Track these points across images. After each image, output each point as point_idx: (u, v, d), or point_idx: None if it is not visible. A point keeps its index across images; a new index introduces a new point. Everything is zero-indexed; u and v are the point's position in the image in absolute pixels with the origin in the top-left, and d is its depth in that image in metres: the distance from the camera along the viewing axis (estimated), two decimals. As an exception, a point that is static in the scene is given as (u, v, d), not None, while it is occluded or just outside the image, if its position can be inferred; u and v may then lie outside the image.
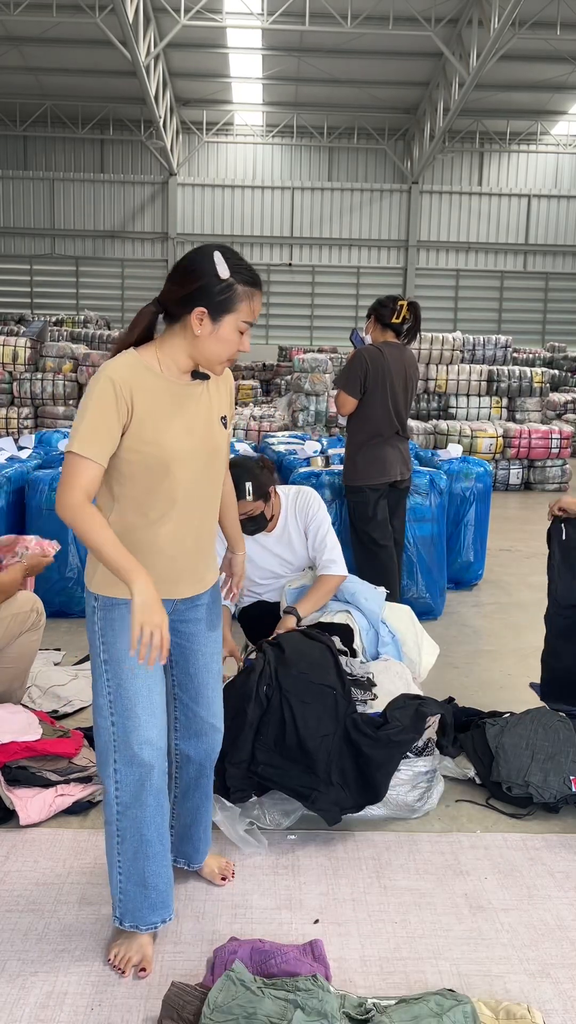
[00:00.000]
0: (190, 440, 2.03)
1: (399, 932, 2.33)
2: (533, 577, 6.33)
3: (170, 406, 2.01)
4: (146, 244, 24.94)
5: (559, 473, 11.15)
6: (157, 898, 2.18)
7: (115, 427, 1.93)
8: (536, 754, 3.01)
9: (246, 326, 2.00)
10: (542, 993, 2.12)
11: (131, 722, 2.07)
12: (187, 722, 2.33)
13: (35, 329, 13.90)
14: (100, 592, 2.08)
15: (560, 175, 25.01)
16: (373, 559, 4.42)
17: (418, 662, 3.54)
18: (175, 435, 2.00)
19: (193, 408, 2.06)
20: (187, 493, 2.06)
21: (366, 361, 4.35)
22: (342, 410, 4.49)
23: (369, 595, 3.54)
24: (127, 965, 2.14)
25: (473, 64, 16.13)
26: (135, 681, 2.07)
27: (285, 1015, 1.86)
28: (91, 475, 1.91)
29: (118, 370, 1.95)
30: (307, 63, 19.41)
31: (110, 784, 2.12)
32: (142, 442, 1.97)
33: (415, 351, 12.13)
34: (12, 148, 24.41)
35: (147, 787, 2.10)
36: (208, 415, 2.09)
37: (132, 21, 14.97)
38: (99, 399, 1.92)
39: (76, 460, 1.90)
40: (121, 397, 1.93)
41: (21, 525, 5.17)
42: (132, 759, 2.09)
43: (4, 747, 2.89)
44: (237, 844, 2.66)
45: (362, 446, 4.45)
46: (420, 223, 24.90)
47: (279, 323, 25.09)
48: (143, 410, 1.96)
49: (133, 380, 1.95)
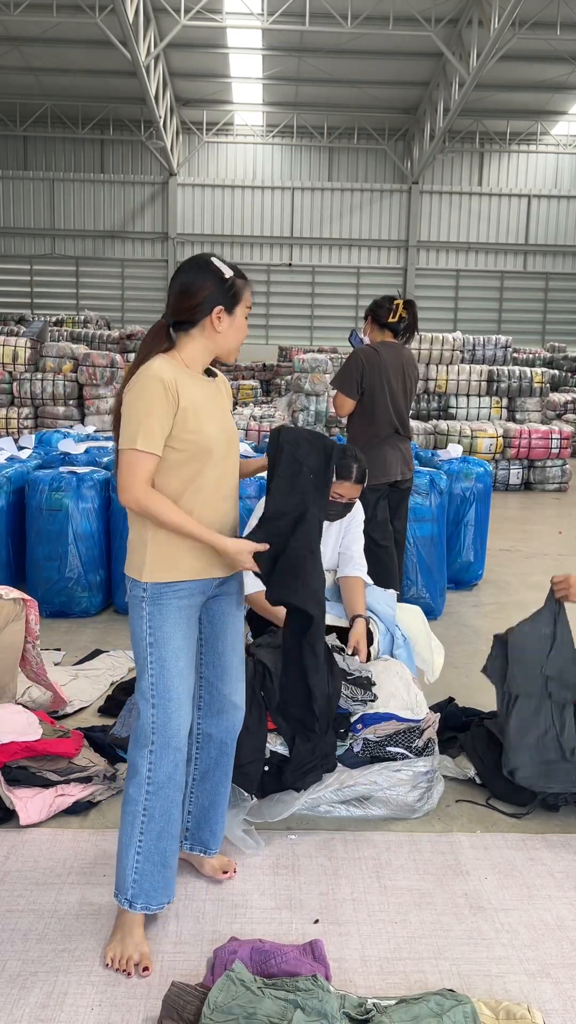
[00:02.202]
0: (219, 429, 2.26)
1: (399, 932, 2.33)
2: (533, 577, 6.33)
3: (203, 399, 2.24)
4: (146, 244, 24.94)
5: (559, 473, 11.16)
6: (171, 877, 2.28)
7: (167, 421, 2.16)
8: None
9: (247, 311, 2.31)
10: (542, 993, 2.12)
11: (171, 705, 2.22)
12: (210, 700, 2.44)
13: (35, 329, 13.91)
14: (151, 579, 2.21)
15: (560, 175, 25.01)
16: (374, 560, 4.40)
17: (431, 662, 3.57)
18: (212, 424, 2.23)
19: (215, 401, 2.30)
20: (219, 478, 2.27)
21: (362, 361, 4.36)
22: (340, 411, 4.51)
23: (381, 598, 3.58)
24: (129, 965, 2.15)
25: (473, 64, 16.13)
26: (178, 663, 2.23)
27: (285, 1015, 1.86)
28: (151, 467, 2.15)
29: (162, 369, 2.17)
30: (307, 63, 19.41)
31: (143, 765, 2.23)
32: (187, 431, 2.18)
33: (415, 351, 12.13)
34: (12, 148, 24.41)
35: (180, 768, 2.25)
36: (225, 408, 2.34)
37: (132, 21, 14.97)
38: (151, 397, 2.14)
39: (138, 456, 2.14)
40: (169, 391, 2.15)
41: (21, 525, 5.17)
42: (169, 742, 2.22)
43: (4, 747, 2.89)
44: (236, 844, 2.66)
45: (364, 446, 4.43)
46: (420, 223, 24.90)
47: (279, 323, 25.09)
48: (187, 402, 2.18)
49: (176, 376, 2.18)
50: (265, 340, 24.41)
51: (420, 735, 2.99)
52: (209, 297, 2.21)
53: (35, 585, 4.94)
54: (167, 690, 2.21)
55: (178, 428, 2.17)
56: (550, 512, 9.61)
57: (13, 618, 3.24)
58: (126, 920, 2.23)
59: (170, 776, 2.23)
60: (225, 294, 2.22)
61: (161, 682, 2.21)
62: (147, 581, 2.21)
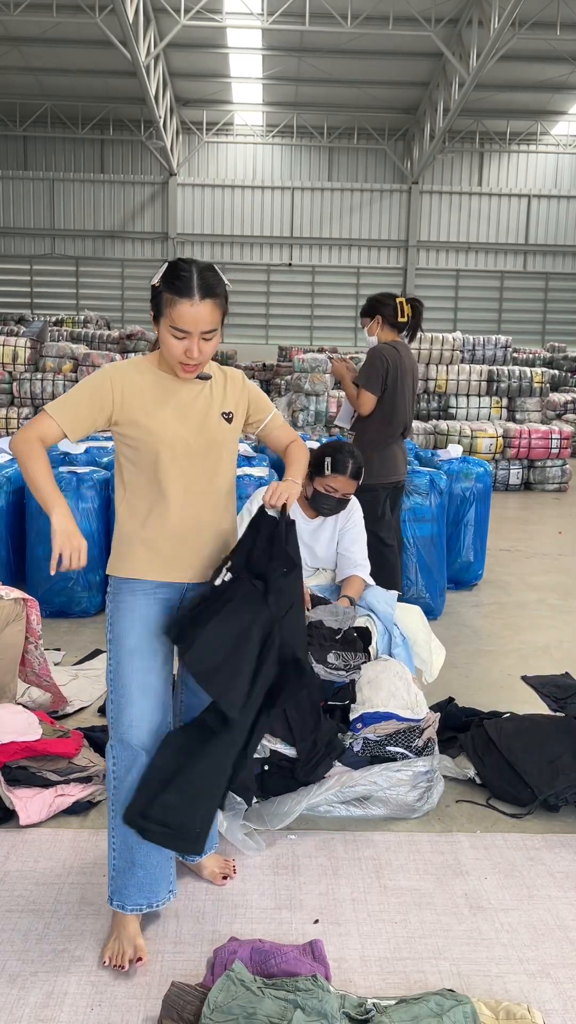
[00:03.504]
0: (182, 427, 2.21)
1: (399, 932, 2.33)
2: (533, 577, 6.34)
3: (162, 396, 2.22)
4: (146, 244, 24.93)
5: (559, 473, 11.16)
6: (145, 878, 2.22)
7: (92, 407, 2.17)
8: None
9: (180, 332, 2.10)
10: (542, 993, 2.12)
11: (124, 701, 2.20)
12: (189, 708, 2.43)
13: (35, 329, 13.91)
14: (110, 573, 2.27)
15: (560, 175, 25.00)
16: (380, 559, 4.35)
17: (430, 662, 3.57)
18: (163, 420, 2.20)
19: (188, 401, 2.24)
20: (186, 479, 2.22)
21: (387, 359, 4.31)
22: (364, 408, 4.36)
23: (381, 597, 3.56)
24: (124, 960, 2.15)
25: (473, 64, 16.13)
26: (132, 661, 2.20)
27: (285, 1015, 1.86)
28: (48, 429, 2.16)
29: (119, 365, 2.24)
30: (307, 63, 19.41)
31: (109, 759, 2.24)
32: (134, 425, 2.19)
33: (415, 351, 12.13)
34: (12, 148, 24.40)
35: (138, 766, 2.19)
36: (206, 409, 2.26)
37: (132, 21, 14.97)
38: (88, 383, 2.21)
39: (42, 414, 2.19)
40: (105, 390, 2.17)
41: (21, 525, 5.17)
42: (122, 737, 2.21)
43: (4, 747, 2.89)
44: (237, 846, 2.66)
45: (378, 445, 4.41)
46: (420, 223, 24.89)
47: (279, 323, 25.09)
48: (135, 399, 2.19)
49: (125, 377, 2.21)
50: (265, 340, 24.41)
51: (420, 735, 2.99)
52: (153, 300, 2.16)
53: (35, 585, 4.94)
54: (121, 686, 2.21)
55: (123, 419, 2.18)
56: (550, 512, 9.61)
57: (13, 618, 3.24)
58: (118, 919, 2.24)
59: (128, 771, 2.19)
60: (154, 301, 2.15)
61: (116, 677, 2.22)
62: (108, 573, 2.28)
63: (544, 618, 5.35)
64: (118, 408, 2.18)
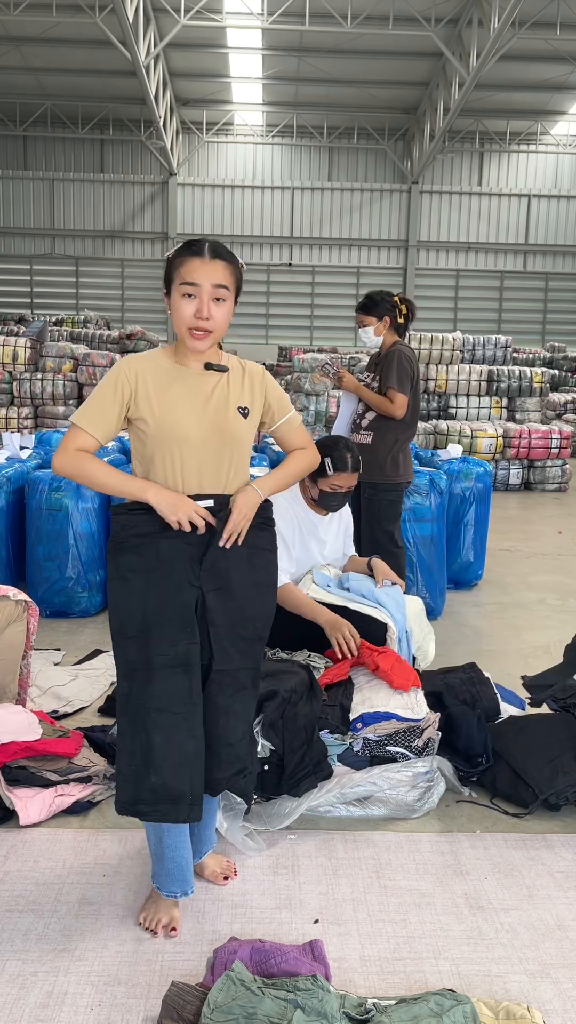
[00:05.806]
0: (195, 419, 2.19)
1: (399, 932, 2.32)
2: (533, 577, 6.34)
3: (175, 387, 2.20)
4: (146, 244, 24.94)
5: (559, 473, 11.16)
6: (175, 870, 2.31)
7: (112, 406, 2.17)
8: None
9: (190, 287, 2.14)
10: (542, 993, 2.12)
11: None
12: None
13: (35, 329, 13.91)
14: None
15: (560, 175, 25.01)
16: (393, 561, 4.33)
17: (426, 651, 3.65)
18: (179, 412, 2.18)
19: (204, 393, 2.22)
20: (200, 474, 2.20)
21: (413, 360, 4.36)
22: (399, 411, 4.32)
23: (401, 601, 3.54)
24: (157, 925, 2.27)
25: (473, 64, 16.13)
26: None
27: (285, 1015, 1.86)
28: (83, 441, 2.17)
29: (129, 360, 2.23)
30: (307, 63, 19.41)
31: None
32: (148, 415, 2.17)
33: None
34: (12, 148, 24.41)
35: None
36: (222, 403, 2.23)
37: (132, 21, 14.98)
38: (102, 383, 2.20)
39: (72, 429, 2.19)
40: (125, 379, 2.17)
41: (21, 525, 5.17)
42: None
43: (4, 747, 2.89)
44: (237, 846, 2.66)
45: (403, 445, 4.43)
46: (420, 223, 24.90)
47: (279, 323, 25.09)
48: (146, 390, 2.18)
49: (140, 366, 2.20)
50: (265, 340, 24.42)
51: (420, 735, 2.99)
52: (166, 274, 2.20)
53: (35, 585, 4.94)
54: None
55: (138, 412, 2.18)
56: (550, 512, 9.61)
57: (15, 619, 3.24)
58: (153, 891, 2.35)
59: None
60: (166, 277, 2.19)
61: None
62: None
63: (544, 618, 5.35)
64: (133, 398, 2.18)
